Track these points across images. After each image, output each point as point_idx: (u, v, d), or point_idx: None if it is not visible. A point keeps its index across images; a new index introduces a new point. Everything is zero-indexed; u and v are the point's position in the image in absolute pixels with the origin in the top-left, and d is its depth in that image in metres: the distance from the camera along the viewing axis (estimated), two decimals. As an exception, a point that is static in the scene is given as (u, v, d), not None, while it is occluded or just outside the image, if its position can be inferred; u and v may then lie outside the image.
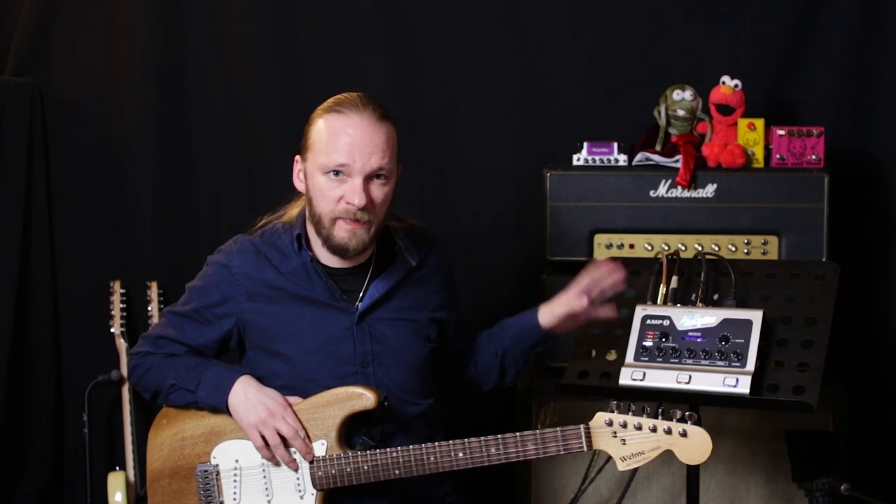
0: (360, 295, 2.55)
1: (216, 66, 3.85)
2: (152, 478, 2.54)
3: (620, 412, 2.29)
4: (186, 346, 2.56)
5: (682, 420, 2.25)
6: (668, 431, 2.24)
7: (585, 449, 2.30)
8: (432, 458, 2.36)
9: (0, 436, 3.79)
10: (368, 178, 2.43)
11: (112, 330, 3.82)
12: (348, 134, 2.42)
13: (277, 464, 2.44)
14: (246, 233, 2.65)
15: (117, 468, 3.73)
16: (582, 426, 2.30)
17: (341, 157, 2.41)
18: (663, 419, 2.26)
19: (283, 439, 2.41)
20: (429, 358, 2.61)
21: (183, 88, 3.87)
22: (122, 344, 3.79)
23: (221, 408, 2.44)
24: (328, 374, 2.49)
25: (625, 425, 2.28)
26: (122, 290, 3.85)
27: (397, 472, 2.37)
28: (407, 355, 2.55)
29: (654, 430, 2.26)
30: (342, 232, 2.45)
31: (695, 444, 2.23)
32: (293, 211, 2.63)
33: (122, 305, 3.83)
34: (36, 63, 3.92)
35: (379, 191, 2.45)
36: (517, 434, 2.34)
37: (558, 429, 2.32)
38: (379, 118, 2.44)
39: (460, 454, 2.35)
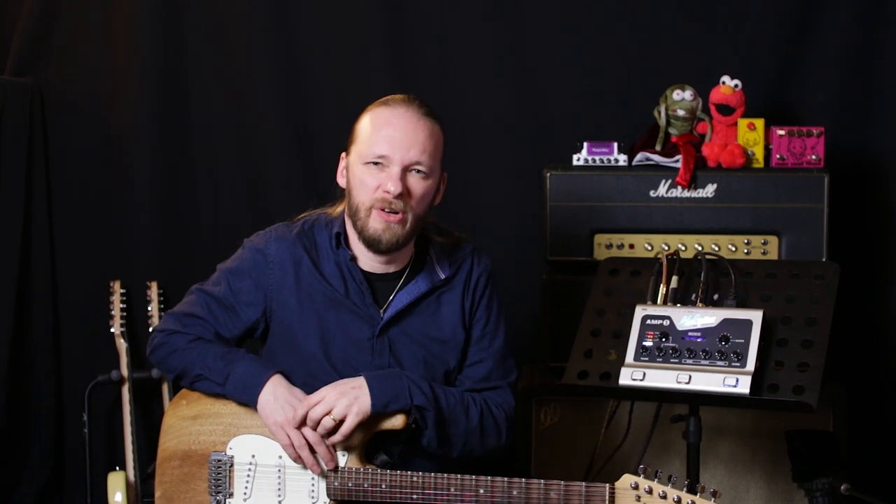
0: (390, 304, 2.53)
1: (216, 66, 3.85)
2: (163, 457, 2.52)
3: (647, 477, 2.28)
4: (214, 329, 2.53)
5: (706, 496, 2.24)
6: None
7: None
8: (453, 490, 2.34)
9: (0, 436, 3.79)
10: (407, 170, 2.43)
11: (112, 330, 3.82)
12: (391, 125, 2.44)
13: (303, 466, 2.42)
14: (288, 220, 2.62)
15: (117, 468, 3.73)
16: (607, 486, 2.29)
17: (382, 149, 2.42)
18: (688, 492, 2.25)
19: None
20: (450, 380, 2.57)
21: (183, 88, 3.87)
22: (122, 344, 3.79)
23: (251, 405, 2.42)
24: (342, 379, 2.47)
25: (650, 491, 2.26)
26: (122, 290, 3.85)
27: (415, 496, 2.36)
28: (424, 377, 2.50)
29: (678, 501, 2.25)
30: (376, 223, 2.43)
31: None
32: (338, 208, 2.60)
33: (122, 305, 3.83)
34: (36, 63, 3.93)
35: (417, 184, 2.44)
36: (542, 481, 2.32)
37: (583, 483, 2.31)
38: (424, 114, 2.46)
39: (481, 490, 2.34)
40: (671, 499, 2.25)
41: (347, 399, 2.36)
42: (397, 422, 2.39)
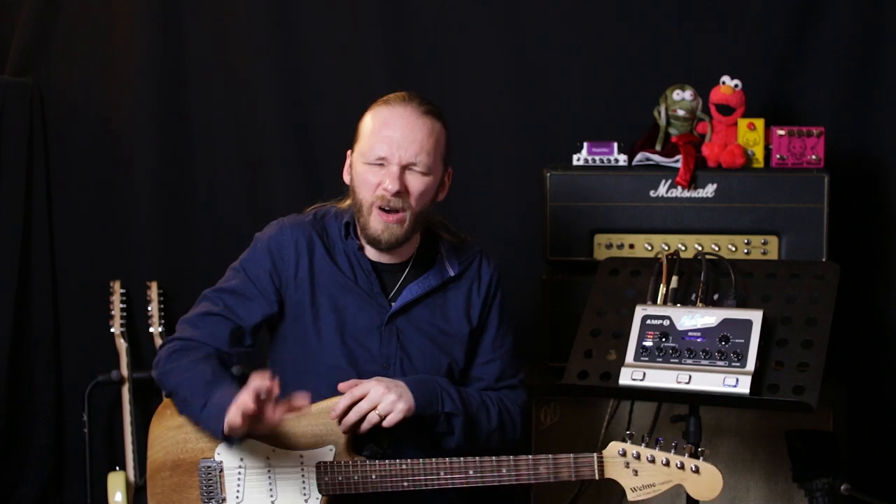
0: (396, 293, 2.56)
1: (216, 66, 3.85)
2: (153, 469, 2.53)
3: (634, 443, 2.28)
4: (232, 322, 2.52)
5: (695, 456, 2.25)
6: (681, 466, 2.24)
7: (597, 477, 2.30)
8: (443, 474, 2.35)
9: (0, 436, 3.79)
10: (406, 168, 2.47)
11: (112, 330, 3.82)
12: (389, 125, 2.47)
13: (282, 466, 2.42)
14: (300, 213, 2.65)
15: (117, 468, 3.73)
16: (595, 455, 2.30)
17: (381, 150, 2.46)
18: (676, 454, 2.26)
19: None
20: (452, 373, 2.58)
21: (183, 88, 3.87)
22: (122, 344, 3.79)
23: (217, 436, 2.35)
24: (349, 365, 2.50)
25: (638, 457, 2.27)
26: (122, 290, 3.85)
27: (405, 484, 2.37)
28: (429, 366, 2.54)
29: (666, 463, 2.25)
30: (376, 223, 2.48)
31: (706, 481, 2.24)
32: (346, 201, 2.63)
33: (122, 305, 3.83)
34: (36, 63, 3.92)
35: (416, 182, 2.47)
36: (530, 457, 2.33)
37: (571, 455, 2.31)
38: (423, 113, 2.49)
39: (471, 472, 2.35)
40: (659, 461, 2.26)
41: (393, 395, 2.39)
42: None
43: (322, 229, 2.59)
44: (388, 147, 2.45)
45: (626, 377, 2.52)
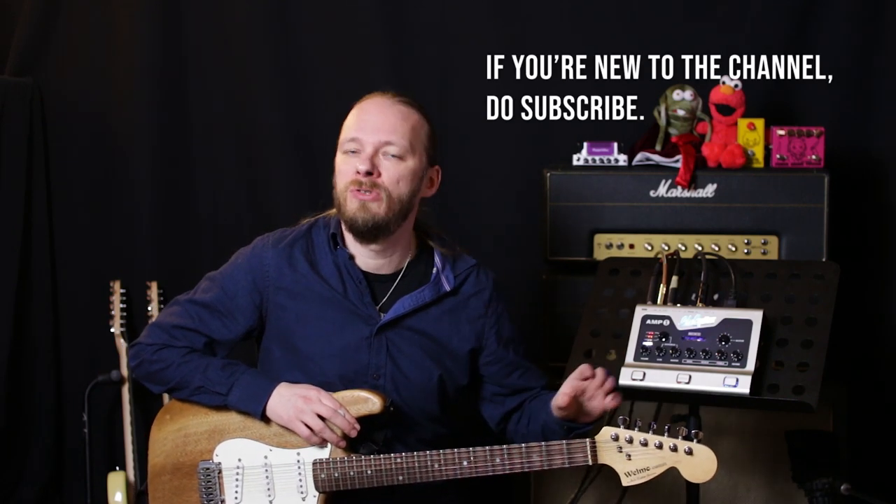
0: (386, 303, 2.54)
1: (216, 66, 3.85)
2: (153, 473, 2.54)
3: (627, 427, 2.28)
4: (206, 337, 2.54)
5: (688, 438, 2.24)
6: (674, 449, 2.24)
7: (590, 463, 2.29)
8: (436, 466, 2.35)
9: (0, 436, 3.79)
10: (379, 152, 2.48)
11: (112, 330, 3.82)
12: (364, 110, 2.52)
13: (279, 464, 2.43)
14: (285, 227, 2.65)
15: (117, 468, 3.74)
16: (588, 440, 2.30)
17: (353, 132, 2.49)
18: (669, 436, 2.25)
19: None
20: (445, 386, 2.57)
21: (183, 88, 3.87)
22: (122, 344, 3.80)
23: (255, 415, 2.43)
24: (339, 379, 2.49)
25: (631, 441, 2.27)
26: (122, 290, 3.85)
27: (401, 477, 2.37)
28: (420, 377, 2.53)
29: (659, 446, 2.25)
30: (352, 204, 2.47)
31: (700, 463, 2.23)
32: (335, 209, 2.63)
33: (122, 305, 3.83)
34: (36, 63, 3.93)
35: (390, 166, 2.48)
36: (522, 445, 2.33)
37: (564, 442, 2.31)
38: (398, 101, 2.52)
39: (465, 463, 2.34)
40: (652, 445, 2.26)
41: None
42: (375, 406, 2.40)
43: (308, 242, 2.58)
44: (361, 129, 2.48)
45: (626, 377, 2.52)
